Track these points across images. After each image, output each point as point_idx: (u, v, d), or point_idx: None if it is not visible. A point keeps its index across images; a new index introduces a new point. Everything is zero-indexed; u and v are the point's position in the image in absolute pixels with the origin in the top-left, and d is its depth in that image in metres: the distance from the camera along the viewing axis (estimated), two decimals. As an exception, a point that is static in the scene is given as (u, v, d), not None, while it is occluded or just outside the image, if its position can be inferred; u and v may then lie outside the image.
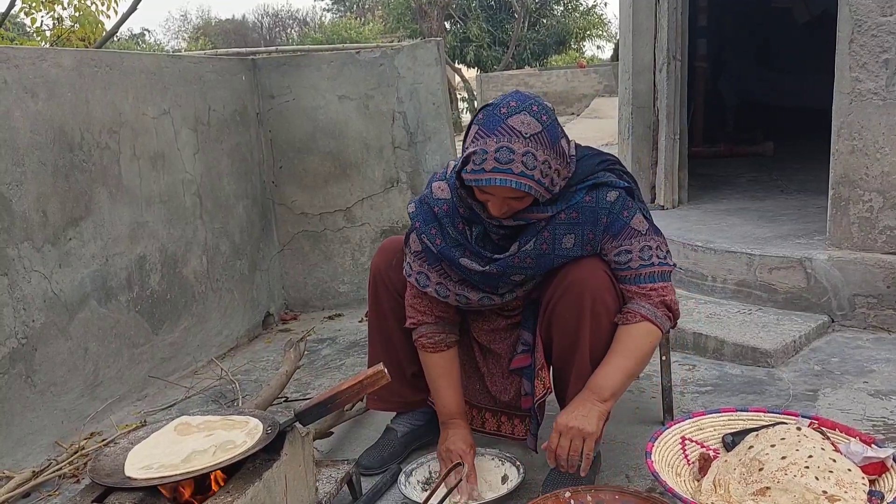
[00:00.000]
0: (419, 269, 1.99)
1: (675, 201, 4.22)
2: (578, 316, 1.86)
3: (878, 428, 2.21)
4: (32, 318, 2.36)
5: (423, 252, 1.97)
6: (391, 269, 2.12)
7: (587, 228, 1.84)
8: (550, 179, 1.73)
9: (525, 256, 1.85)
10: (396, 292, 2.12)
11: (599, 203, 1.83)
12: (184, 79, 3.14)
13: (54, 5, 6.06)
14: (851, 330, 2.95)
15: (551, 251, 1.85)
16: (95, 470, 1.60)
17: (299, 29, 32.56)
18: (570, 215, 1.83)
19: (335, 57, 3.77)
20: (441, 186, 1.94)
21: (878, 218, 2.91)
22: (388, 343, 2.16)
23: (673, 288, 1.89)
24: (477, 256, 1.88)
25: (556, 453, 1.78)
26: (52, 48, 3.77)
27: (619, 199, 1.84)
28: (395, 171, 3.78)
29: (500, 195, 1.74)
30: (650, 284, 1.85)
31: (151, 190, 2.91)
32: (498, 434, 2.17)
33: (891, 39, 2.77)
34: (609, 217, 1.83)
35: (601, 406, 1.79)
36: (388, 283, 2.13)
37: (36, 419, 2.38)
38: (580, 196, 1.83)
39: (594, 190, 1.84)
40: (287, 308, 3.92)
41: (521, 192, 1.72)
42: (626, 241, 1.84)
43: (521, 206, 1.79)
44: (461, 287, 1.95)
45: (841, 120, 2.93)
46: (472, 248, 1.88)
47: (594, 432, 1.76)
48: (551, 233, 1.84)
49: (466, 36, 22.23)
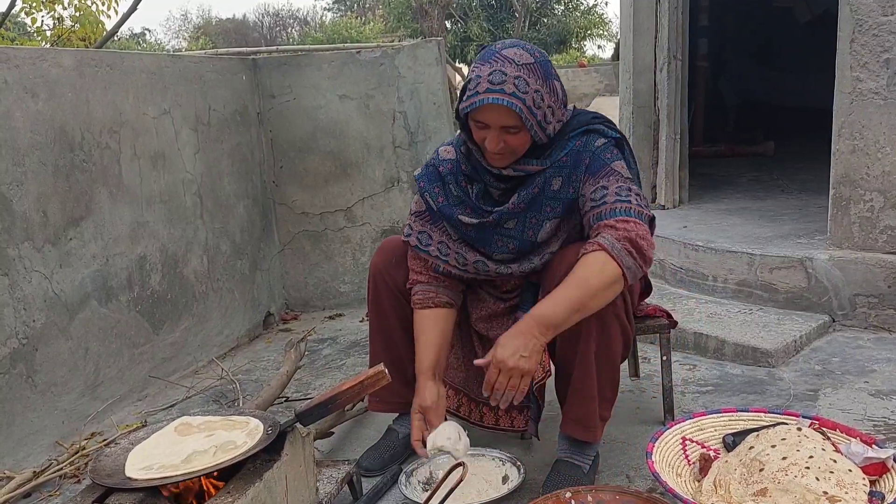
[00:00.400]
0: (420, 228, 2.05)
1: (675, 201, 4.21)
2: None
3: (878, 428, 2.21)
4: (33, 318, 2.36)
5: (425, 212, 2.05)
6: (391, 268, 2.12)
7: (573, 170, 1.88)
8: (543, 114, 1.79)
9: (519, 203, 1.91)
10: (398, 291, 2.11)
11: (587, 146, 1.88)
12: (184, 78, 3.14)
13: (55, 5, 6.06)
14: (852, 330, 2.95)
15: (541, 193, 1.91)
16: (96, 470, 1.60)
17: (300, 28, 32.56)
18: (561, 160, 1.89)
19: (336, 56, 3.78)
20: (447, 149, 2.04)
21: (878, 217, 2.90)
22: (389, 343, 2.16)
23: (647, 231, 1.77)
24: (476, 211, 1.95)
25: (493, 388, 1.73)
26: (53, 48, 3.78)
27: (605, 145, 1.89)
28: (396, 171, 3.78)
29: (496, 124, 1.78)
30: (620, 217, 1.75)
31: (152, 190, 2.91)
32: (496, 428, 2.16)
33: (892, 39, 2.77)
34: (591, 158, 1.87)
35: (541, 339, 1.71)
36: (388, 281, 2.12)
37: (37, 419, 2.38)
38: (571, 143, 1.89)
39: (584, 136, 1.90)
40: (288, 308, 3.92)
41: (515, 120, 1.76)
42: (603, 178, 1.84)
43: (517, 143, 1.82)
44: (460, 246, 2.01)
45: (842, 119, 2.93)
46: (472, 203, 1.95)
47: (531, 370, 1.71)
48: (542, 177, 1.89)
49: (467, 35, 22.22)
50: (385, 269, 2.12)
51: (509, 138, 1.81)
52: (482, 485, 1.99)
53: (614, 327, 1.89)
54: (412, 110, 3.72)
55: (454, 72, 15.37)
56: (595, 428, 1.95)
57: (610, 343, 1.89)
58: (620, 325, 1.90)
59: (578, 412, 1.94)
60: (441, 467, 1.98)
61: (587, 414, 1.94)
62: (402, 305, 2.11)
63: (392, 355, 2.13)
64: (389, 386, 2.09)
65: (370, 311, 2.20)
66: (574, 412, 1.95)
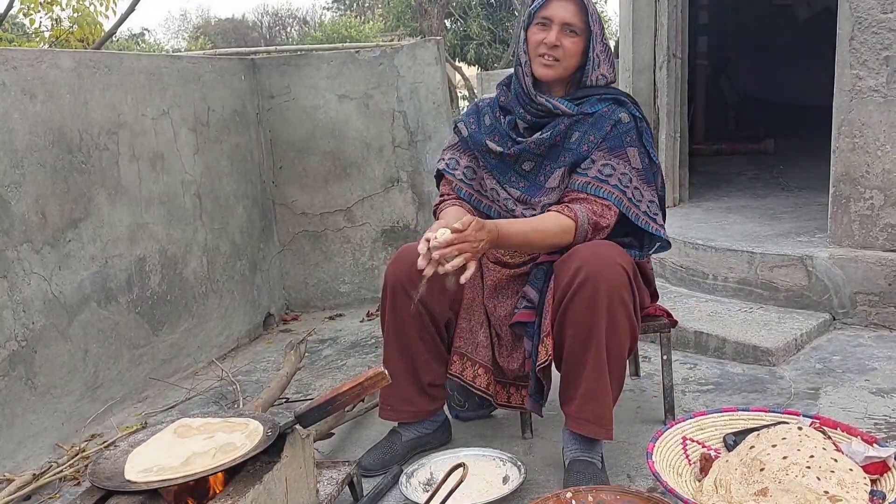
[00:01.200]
0: (451, 155, 2.23)
1: (676, 199, 4.21)
2: (594, 312, 1.86)
3: (879, 426, 2.20)
4: (32, 320, 2.36)
5: (458, 142, 2.23)
6: (410, 279, 2.07)
7: (592, 130, 2.03)
8: (597, 38, 2.01)
9: (540, 144, 2.06)
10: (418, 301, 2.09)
11: (612, 115, 2.03)
12: (183, 79, 3.13)
13: (53, 6, 6.05)
14: (853, 328, 2.94)
15: (562, 144, 2.05)
16: (95, 473, 1.60)
17: (299, 28, 32.51)
18: (586, 118, 2.04)
19: (335, 56, 3.77)
20: (491, 94, 2.26)
21: (878, 215, 2.90)
22: (405, 352, 2.13)
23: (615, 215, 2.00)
24: (503, 139, 2.11)
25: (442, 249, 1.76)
26: (51, 49, 3.77)
27: (629, 124, 2.03)
28: (396, 171, 3.77)
29: (560, 19, 1.98)
30: (607, 201, 1.98)
31: (151, 191, 2.90)
32: (509, 405, 2.15)
33: (891, 37, 2.76)
34: (614, 130, 2.02)
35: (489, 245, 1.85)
36: (409, 292, 2.05)
37: (36, 421, 2.38)
38: (600, 107, 2.05)
39: (613, 103, 2.06)
40: (288, 308, 3.91)
41: (580, 18, 1.98)
42: (615, 160, 2.01)
43: (572, 48, 2.00)
44: (483, 172, 2.17)
45: (842, 117, 2.92)
46: (501, 130, 2.12)
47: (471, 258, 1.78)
48: (567, 128, 2.04)
49: (467, 34, 22.19)
50: (405, 281, 2.07)
51: (566, 41, 1.99)
52: (483, 485, 1.99)
53: (623, 323, 1.89)
54: (412, 110, 3.71)
55: (454, 71, 15.34)
56: (610, 426, 1.95)
57: (619, 339, 1.90)
58: (629, 321, 1.91)
59: (594, 411, 1.93)
60: (442, 468, 1.98)
61: (602, 412, 1.93)
62: (421, 316, 2.09)
63: (407, 364, 2.13)
64: (402, 394, 2.11)
65: (387, 320, 2.15)
66: (588, 411, 1.93)
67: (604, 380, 1.91)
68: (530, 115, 2.08)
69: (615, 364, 1.93)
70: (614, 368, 1.93)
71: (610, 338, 1.89)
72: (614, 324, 1.88)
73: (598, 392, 1.92)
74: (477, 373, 2.13)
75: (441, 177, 2.25)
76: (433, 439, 2.26)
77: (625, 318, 1.89)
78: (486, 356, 2.14)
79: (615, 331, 1.88)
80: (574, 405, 1.96)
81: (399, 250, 2.18)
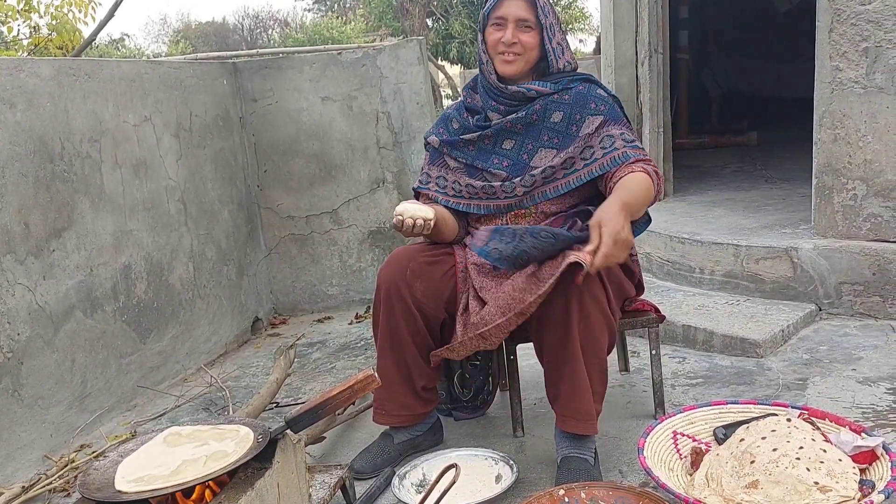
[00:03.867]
0: (423, 172, 2.28)
1: (660, 194, 4.22)
2: (566, 312, 1.88)
3: (867, 415, 2.22)
4: (17, 331, 2.34)
5: (427, 156, 2.28)
6: (404, 281, 2.08)
7: (576, 109, 2.08)
8: (551, 24, 2.06)
9: (516, 122, 2.10)
10: (412, 304, 2.09)
11: (590, 92, 2.10)
12: (164, 85, 3.11)
13: (30, 14, 5.99)
14: (838, 318, 2.96)
15: (540, 122, 2.09)
16: (85, 484, 1.58)
17: (280, 30, 32.38)
18: (563, 97, 2.09)
19: (317, 58, 3.76)
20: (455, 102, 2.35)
21: (861, 206, 2.92)
22: (399, 355, 2.13)
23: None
24: (475, 129, 2.15)
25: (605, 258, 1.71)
26: (30, 58, 3.74)
27: (609, 98, 2.10)
28: (381, 172, 3.77)
29: (513, 16, 2.04)
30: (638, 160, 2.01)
31: (135, 198, 2.88)
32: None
33: (870, 28, 2.78)
34: (605, 105, 2.08)
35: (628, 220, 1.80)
36: (403, 295, 2.08)
37: (24, 433, 2.36)
38: (574, 85, 2.10)
39: (587, 83, 2.12)
40: (276, 312, 3.90)
41: (531, 13, 2.03)
42: (625, 128, 2.07)
43: (529, 42, 2.05)
44: (456, 174, 2.19)
45: (823, 109, 2.94)
46: (470, 128, 2.17)
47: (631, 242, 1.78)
48: (543, 106, 2.08)
49: (449, 32, 22.18)
50: (399, 283, 2.08)
51: (522, 36, 2.05)
52: (475, 484, 2.00)
53: (596, 319, 1.90)
54: (395, 110, 3.71)
55: (437, 70, 15.32)
56: (593, 420, 1.97)
57: (594, 335, 1.91)
58: (603, 316, 1.92)
59: (575, 407, 1.95)
60: (434, 469, 1.98)
61: (584, 408, 1.95)
62: (415, 319, 2.09)
63: (402, 368, 2.13)
64: (396, 398, 2.11)
65: (380, 325, 2.14)
66: (571, 408, 1.96)
67: (582, 376, 1.93)
68: (503, 105, 2.11)
69: (593, 359, 1.94)
70: (592, 363, 1.94)
71: (585, 335, 1.90)
72: (587, 321, 1.89)
73: (577, 388, 1.94)
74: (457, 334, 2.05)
75: (418, 194, 2.28)
76: (425, 440, 2.26)
77: (598, 313, 1.91)
78: None
79: (589, 327, 1.90)
80: (558, 403, 1.99)
81: (392, 253, 2.18)
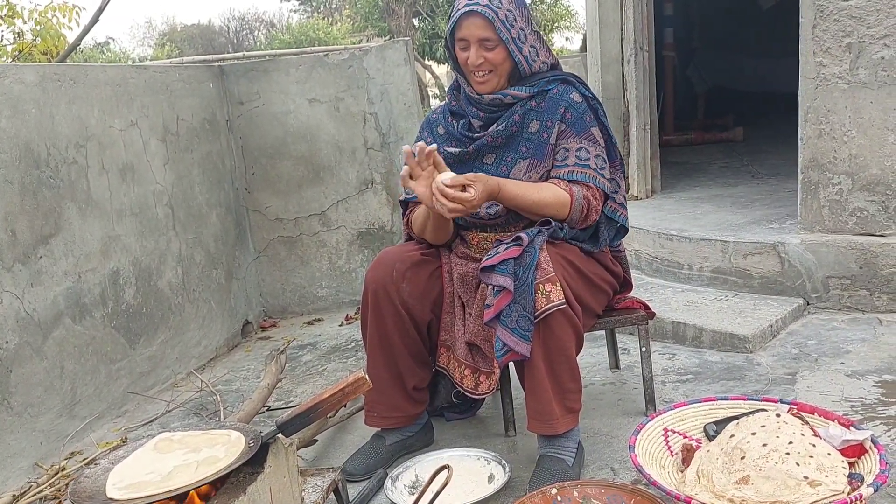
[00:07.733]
0: None
1: (648, 191, 4.24)
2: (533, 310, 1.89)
3: (856, 408, 2.23)
4: (6, 339, 2.32)
5: None
6: (393, 283, 2.09)
7: (548, 116, 2.07)
8: (518, 34, 2.01)
9: (497, 136, 2.08)
10: (401, 305, 2.09)
11: (563, 96, 2.07)
12: (150, 89, 3.10)
13: (14, 19, 5.95)
14: (826, 312, 2.98)
15: (519, 133, 2.09)
16: (76, 492, 1.57)
17: (266, 31, 32.25)
18: (540, 105, 2.08)
19: (303, 60, 3.75)
20: (440, 105, 2.32)
21: (847, 200, 2.94)
22: (389, 357, 2.14)
23: (601, 196, 2.08)
24: (460, 142, 2.14)
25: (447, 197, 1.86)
26: (14, 64, 3.71)
27: (583, 103, 2.08)
28: (369, 173, 3.76)
29: (474, 37, 2.00)
30: (594, 185, 2.04)
31: (122, 203, 2.87)
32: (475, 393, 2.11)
33: (853, 24, 2.80)
34: (572, 113, 2.06)
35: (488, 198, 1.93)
36: (392, 296, 2.09)
37: (14, 442, 2.34)
38: (550, 87, 2.08)
39: (562, 84, 2.10)
40: (266, 315, 3.89)
41: (490, 31, 1.98)
42: (586, 140, 2.06)
43: (496, 59, 2.02)
44: None
45: (807, 105, 2.96)
46: (456, 134, 2.15)
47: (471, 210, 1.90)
48: (521, 117, 2.08)
49: (435, 32, 22.17)
50: (387, 284, 2.09)
51: (488, 54, 2.01)
52: (468, 485, 2.00)
53: (554, 317, 1.89)
54: (383, 111, 3.71)
55: (423, 69, 15.31)
56: (553, 420, 1.95)
57: (554, 333, 1.90)
58: (562, 313, 1.90)
59: (535, 407, 1.96)
60: (426, 470, 1.98)
61: (543, 408, 1.95)
62: (403, 320, 2.10)
63: (392, 372, 2.14)
64: (387, 400, 2.11)
65: (369, 326, 2.15)
66: (531, 408, 1.98)
67: (539, 377, 1.92)
68: (483, 113, 2.11)
69: (558, 357, 1.92)
70: (559, 361, 1.93)
71: (547, 335, 1.90)
72: (545, 320, 1.88)
73: (534, 389, 1.94)
74: (464, 374, 2.14)
75: (406, 205, 2.28)
76: (417, 441, 2.26)
77: (557, 311, 1.88)
78: (465, 351, 2.13)
79: (548, 326, 1.89)
80: (526, 404, 2.00)
81: (379, 254, 2.18)
